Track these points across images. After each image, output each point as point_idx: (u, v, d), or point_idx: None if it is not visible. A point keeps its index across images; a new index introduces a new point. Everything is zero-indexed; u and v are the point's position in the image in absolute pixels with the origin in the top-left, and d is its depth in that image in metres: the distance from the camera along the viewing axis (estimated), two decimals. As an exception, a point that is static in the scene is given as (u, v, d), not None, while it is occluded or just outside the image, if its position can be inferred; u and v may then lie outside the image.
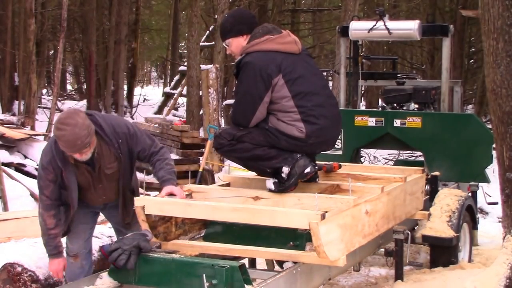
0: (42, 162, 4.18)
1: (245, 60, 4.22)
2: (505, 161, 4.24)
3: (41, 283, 4.46)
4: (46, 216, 4.22)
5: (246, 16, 4.47)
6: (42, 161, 4.18)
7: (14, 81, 17.53)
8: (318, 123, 4.20)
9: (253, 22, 4.41)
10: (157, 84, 45.22)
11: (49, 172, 4.13)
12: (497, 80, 4.18)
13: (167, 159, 4.31)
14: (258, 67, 4.14)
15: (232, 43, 4.40)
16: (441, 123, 6.45)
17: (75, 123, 3.87)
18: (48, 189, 4.17)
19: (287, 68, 4.20)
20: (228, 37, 4.40)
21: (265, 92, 4.15)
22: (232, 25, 4.38)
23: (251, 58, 4.20)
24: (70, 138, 3.87)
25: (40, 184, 4.20)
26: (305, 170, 4.22)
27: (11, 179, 8.51)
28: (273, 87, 4.16)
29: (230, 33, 4.38)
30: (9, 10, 16.90)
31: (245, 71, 4.19)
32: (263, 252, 4.05)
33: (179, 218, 4.25)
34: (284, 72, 4.18)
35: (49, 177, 4.14)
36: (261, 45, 4.24)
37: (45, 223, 4.23)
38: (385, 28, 6.58)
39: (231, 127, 4.39)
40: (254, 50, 4.24)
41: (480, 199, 7.47)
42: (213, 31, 17.76)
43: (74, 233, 4.40)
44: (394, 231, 4.82)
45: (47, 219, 4.22)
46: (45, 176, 4.15)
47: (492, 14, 4.14)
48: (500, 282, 4.15)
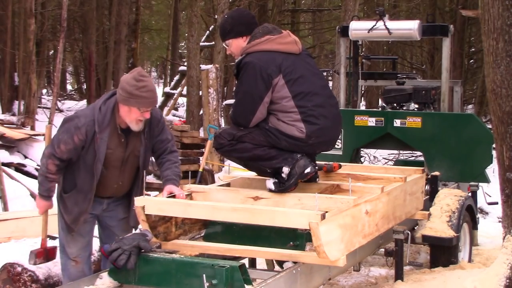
0: (76, 122, 4.11)
1: (245, 60, 4.22)
2: (505, 161, 4.24)
3: (41, 283, 4.46)
4: (50, 162, 4.17)
5: (245, 17, 4.46)
6: (77, 121, 4.11)
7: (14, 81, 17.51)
8: (318, 123, 4.20)
9: (253, 23, 4.41)
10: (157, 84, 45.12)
11: (80, 133, 4.09)
12: (497, 80, 4.18)
13: (177, 162, 4.36)
14: (259, 67, 4.14)
15: (231, 44, 4.40)
16: (441, 123, 6.45)
17: (150, 78, 4.07)
18: (68, 146, 4.11)
19: (288, 68, 4.20)
20: (228, 38, 4.41)
21: (266, 92, 4.15)
22: (231, 26, 4.38)
23: (251, 58, 4.20)
24: (152, 88, 4.04)
25: (64, 138, 4.10)
26: (305, 171, 4.21)
27: (11, 179, 8.52)
28: (274, 87, 4.16)
29: (230, 34, 4.39)
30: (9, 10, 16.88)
31: (246, 71, 4.19)
32: (263, 252, 4.05)
33: (179, 218, 4.25)
34: (284, 72, 4.18)
35: (78, 137, 4.09)
36: (261, 45, 4.24)
37: (47, 167, 4.18)
38: (385, 28, 6.59)
39: (231, 127, 4.39)
40: (254, 50, 4.24)
41: (480, 199, 7.48)
42: (213, 31, 17.76)
43: (74, 238, 4.35)
44: (394, 231, 4.82)
45: (50, 164, 4.17)
46: (74, 134, 4.08)
47: (492, 14, 4.14)
48: (500, 282, 4.14)
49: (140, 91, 4.02)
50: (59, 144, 4.13)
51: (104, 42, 23.04)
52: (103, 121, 4.11)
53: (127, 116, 4.12)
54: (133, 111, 4.09)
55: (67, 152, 4.13)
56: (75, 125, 4.11)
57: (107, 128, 4.13)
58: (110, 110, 4.16)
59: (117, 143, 4.20)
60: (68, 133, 4.11)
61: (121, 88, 4.09)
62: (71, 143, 4.10)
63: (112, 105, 4.17)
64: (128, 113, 4.11)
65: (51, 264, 4.63)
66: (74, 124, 4.12)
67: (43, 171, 4.21)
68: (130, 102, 4.05)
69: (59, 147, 4.12)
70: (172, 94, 18.76)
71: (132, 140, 4.24)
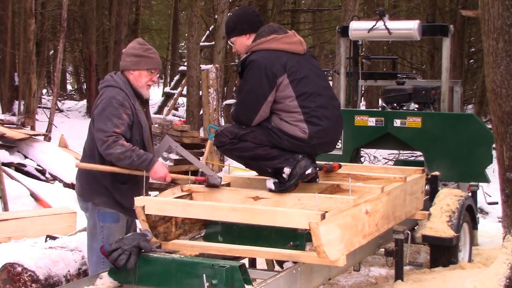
0: (116, 100, 4.16)
1: (250, 58, 4.21)
2: (505, 161, 4.24)
3: (41, 283, 4.46)
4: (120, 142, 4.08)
5: (249, 15, 4.47)
6: (116, 99, 4.17)
7: (14, 81, 17.53)
8: (321, 124, 4.20)
9: (257, 21, 4.41)
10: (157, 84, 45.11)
11: (127, 108, 4.19)
12: (497, 80, 4.18)
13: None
14: (264, 65, 4.14)
15: (236, 42, 4.42)
16: (441, 123, 6.45)
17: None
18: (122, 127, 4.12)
19: (292, 68, 4.19)
20: (232, 36, 4.43)
21: (270, 91, 4.15)
22: (235, 24, 4.41)
23: (256, 56, 4.19)
24: (155, 51, 4.31)
25: (115, 120, 4.10)
26: (306, 171, 4.21)
27: (11, 179, 8.52)
28: (278, 87, 4.16)
29: (234, 32, 4.41)
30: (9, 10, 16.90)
31: (250, 69, 4.18)
32: (263, 252, 4.05)
33: (179, 218, 4.25)
34: (289, 72, 4.17)
35: (128, 112, 4.18)
36: (266, 44, 4.24)
37: (125, 146, 4.08)
38: (385, 28, 6.58)
39: (232, 125, 4.38)
40: (259, 48, 4.24)
41: (480, 199, 7.47)
42: (213, 31, 17.75)
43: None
44: (394, 231, 4.82)
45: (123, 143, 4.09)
46: (123, 111, 4.14)
47: (492, 14, 4.14)
48: (500, 282, 4.15)
49: (147, 52, 4.30)
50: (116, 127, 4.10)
51: (104, 42, 23.05)
52: (130, 93, 4.27)
53: (138, 81, 4.32)
54: (143, 75, 4.31)
55: (125, 132, 4.16)
56: (119, 103, 4.17)
57: (134, 98, 4.31)
58: (127, 82, 4.30)
59: (143, 113, 4.38)
60: (116, 114, 4.13)
61: (127, 54, 4.31)
62: (124, 121, 4.15)
63: (123, 79, 4.31)
64: (138, 78, 4.31)
65: (51, 264, 4.63)
66: (118, 103, 4.16)
67: (128, 152, 4.07)
68: (140, 65, 4.29)
69: (118, 128, 4.10)
70: (172, 94, 18.76)
71: (147, 109, 4.49)
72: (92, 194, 4.31)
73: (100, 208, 4.28)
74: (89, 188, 4.33)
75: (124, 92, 4.22)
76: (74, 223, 6.89)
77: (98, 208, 4.28)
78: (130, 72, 4.31)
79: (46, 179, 9.53)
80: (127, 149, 4.08)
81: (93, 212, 4.31)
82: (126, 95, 4.22)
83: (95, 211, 4.30)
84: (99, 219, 4.29)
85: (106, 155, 4.11)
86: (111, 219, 4.29)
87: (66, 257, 4.71)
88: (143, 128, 4.30)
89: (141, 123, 4.28)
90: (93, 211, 4.31)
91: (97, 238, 4.28)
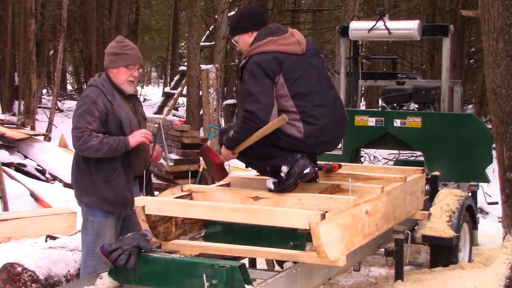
0: (89, 98, 4.35)
1: (249, 63, 4.23)
2: (505, 161, 4.24)
3: (41, 283, 4.46)
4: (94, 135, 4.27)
5: (252, 13, 4.50)
6: (89, 97, 4.35)
7: (14, 81, 17.51)
8: (317, 124, 4.20)
9: (259, 19, 4.43)
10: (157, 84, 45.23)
11: (99, 105, 4.32)
12: (497, 80, 4.18)
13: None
14: (262, 66, 4.16)
15: (239, 40, 4.45)
16: (441, 123, 6.45)
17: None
18: (95, 124, 4.30)
19: (288, 68, 4.20)
20: (235, 35, 4.47)
21: (273, 88, 4.17)
22: (237, 23, 4.46)
23: (254, 60, 4.21)
24: (134, 46, 4.43)
25: (87, 118, 4.29)
26: (304, 171, 4.20)
27: (11, 179, 8.52)
28: (276, 84, 4.18)
29: (236, 31, 4.45)
30: (9, 10, 16.88)
31: (252, 73, 4.16)
32: (263, 252, 4.05)
33: (179, 218, 4.25)
34: (284, 71, 4.19)
35: (99, 109, 4.31)
36: (263, 47, 4.25)
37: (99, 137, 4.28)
38: (385, 28, 6.58)
39: (236, 123, 4.37)
40: (256, 52, 4.25)
41: (480, 199, 7.47)
42: (213, 31, 17.75)
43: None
44: (394, 231, 4.82)
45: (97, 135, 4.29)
46: (95, 108, 4.30)
47: (492, 14, 4.14)
48: (500, 282, 4.15)
49: (123, 49, 4.43)
50: (89, 123, 4.28)
51: (104, 42, 23.00)
52: (108, 90, 4.39)
53: (117, 79, 4.45)
54: (122, 71, 4.44)
55: (98, 127, 4.32)
56: (91, 100, 4.34)
57: (115, 95, 4.41)
58: (107, 80, 4.45)
59: (128, 108, 4.48)
60: (88, 111, 4.31)
61: (106, 54, 4.49)
62: (96, 119, 4.30)
63: (105, 77, 4.47)
64: (117, 75, 4.45)
65: (51, 264, 4.63)
66: (90, 100, 4.34)
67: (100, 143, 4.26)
68: (116, 62, 4.42)
69: (91, 124, 4.29)
70: (172, 94, 18.76)
71: (134, 104, 4.58)
72: (80, 193, 4.50)
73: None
74: (77, 187, 4.53)
75: (100, 90, 4.38)
76: (74, 223, 6.90)
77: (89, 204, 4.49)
78: (110, 70, 4.48)
79: (46, 179, 9.54)
80: (102, 138, 4.29)
81: (84, 207, 4.53)
82: (102, 92, 4.37)
83: (86, 206, 4.50)
84: (89, 214, 4.46)
85: (84, 149, 4.30)
86: (100, 214, 4.44)
87: (66, 257, 4.72)
88: (123, 122, 4.40)
89: (120, 118, 4.38)
90: (84, 207, 4.52)
91: (88, 232, 4.46)
